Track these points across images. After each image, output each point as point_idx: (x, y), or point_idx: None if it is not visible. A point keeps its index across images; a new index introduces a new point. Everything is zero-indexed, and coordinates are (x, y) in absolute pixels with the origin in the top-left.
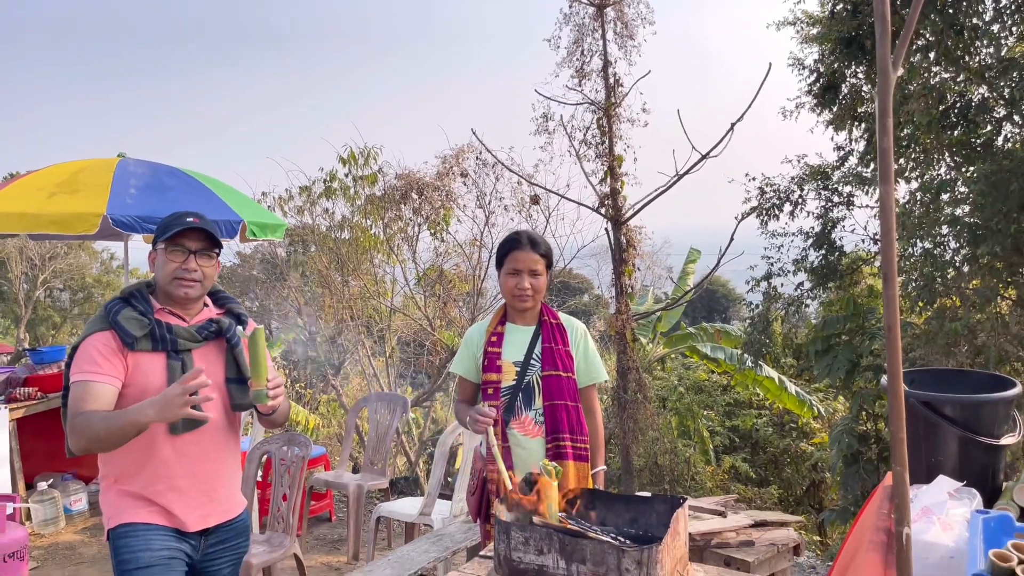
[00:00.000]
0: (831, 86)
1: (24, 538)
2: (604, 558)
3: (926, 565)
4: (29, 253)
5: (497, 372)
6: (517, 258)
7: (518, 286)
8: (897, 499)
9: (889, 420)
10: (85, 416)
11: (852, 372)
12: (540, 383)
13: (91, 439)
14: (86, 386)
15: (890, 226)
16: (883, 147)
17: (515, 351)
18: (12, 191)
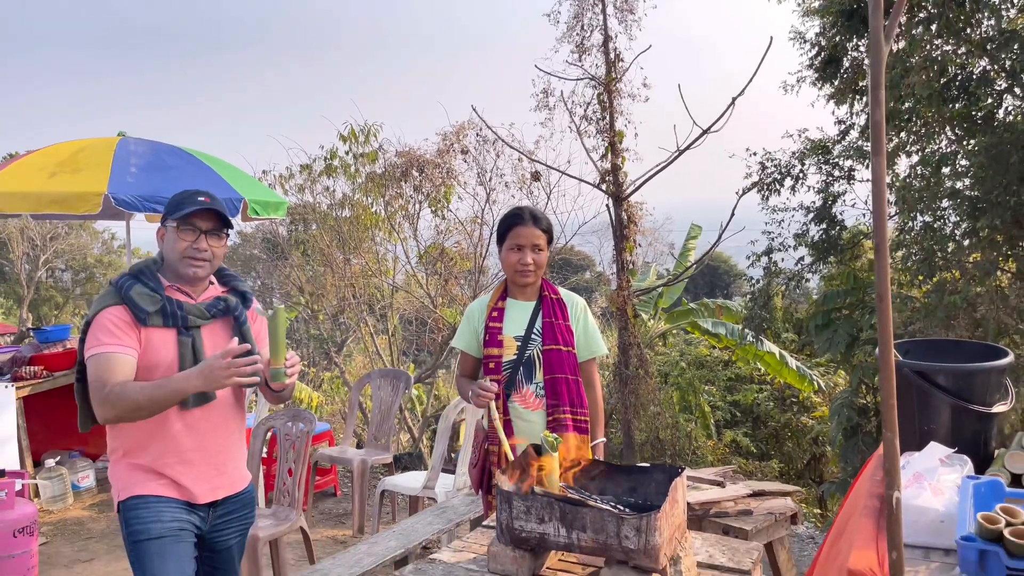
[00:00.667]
0: (832, 60)
1: (33, 514)
2: (604, 526)
3: (917, 529)
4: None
5: (498, 347)
6: (519, 233)
7: (521, 261)
8: (887, 464)
9: (880, 387)
10: (121, 386)
11: (852, 346)
12: (541, 357)
13: (128, 408)
14: (109, 357)
15: (881, 197)
16: (876, 119)
17: (516, 326)
18: (13, 171)
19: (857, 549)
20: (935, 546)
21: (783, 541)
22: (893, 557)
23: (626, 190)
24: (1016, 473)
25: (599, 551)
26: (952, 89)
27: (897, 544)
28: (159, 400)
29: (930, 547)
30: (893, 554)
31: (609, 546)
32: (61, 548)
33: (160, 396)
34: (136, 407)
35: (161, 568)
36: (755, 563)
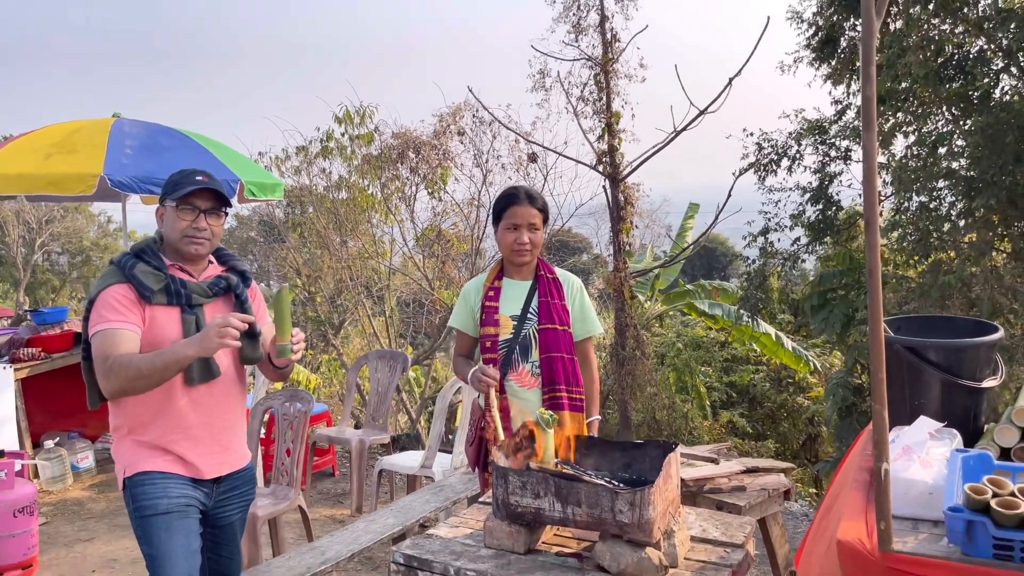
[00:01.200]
0: (830, 39)
1: (33, 493)
2: (598, 500)
3: (906, 501)
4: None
5: (495, 326)
6: (515, 213)
7: (517, 241)
8: (876, 436)
9: (869, 360)
10: (126, 357)
11: (847, 326)
12: (536, 336)
13: (130, 378)
14: (114, 333)
15: (872, 172)
16: (867, 95)
17: (512, 305)
18: (8, 152)
19: (846, 520)
20: (924, 517)
21: (776, 517)
22: (881, 527)
23: (623, 171)
24: (1005, 447)
25: (594, 525)
26: (949, 68)
27: (885, 515)
28: (159, 367)
29: (919, 519)
30: (881, 524)
31: (604, 520)
32: (61, 528)
33: (160, 363)
34: (138, 375)
35: (168, 543)
36: (748, 537)
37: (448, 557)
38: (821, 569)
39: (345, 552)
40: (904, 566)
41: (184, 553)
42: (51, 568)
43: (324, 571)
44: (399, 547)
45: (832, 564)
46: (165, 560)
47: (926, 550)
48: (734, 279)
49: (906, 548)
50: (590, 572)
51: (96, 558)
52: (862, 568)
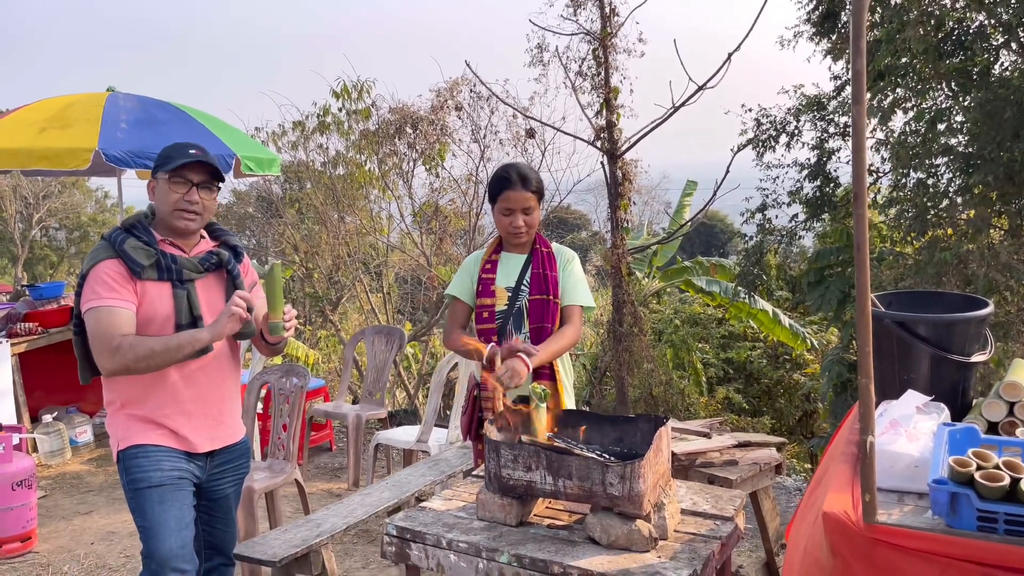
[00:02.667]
0: (830, 14)
1: (31, 467)
2: (589, 473)
3: (892, 474)
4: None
5: (491, 297)
6: (509, 197)
7: (512, 224)
8: (862, 409)
9: (856, 334)
10: (136, 338)
11: (844, 302)
12: (528, 307)
13: (139, 358)
14: (110, 311)
15: (861, 147)
16: (856, 69)
17: (508, 277)
18: (1, 127)
19: (832, 492)
20: (909, 490)
21: (767, 490)
22: (866, 500)
23: (621, 147)
24: (992, 421)
25: (584, 498)
26: (949, 44)
27: (870, 487)
28: (172, 349)
29: (904, 491)
30: (866, 497)
31: (594, 493)
32: (60, 501)
33: (175, 345)
34: (150, 355)
35: (161, 514)
36: (737, 510)
37: (440, 529)
38: (809, 540)
39: (341, 525)
40: (888, 537)
41: (177, 525)
42: (50, 540)
43: (320, 543)
44: (392, 519)
45: (819, 536)
46: (158, 531)
47: (910, 522)
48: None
49: (891, 520)
50: (581, 544)
51: (94, 531)
52: (847, 539)
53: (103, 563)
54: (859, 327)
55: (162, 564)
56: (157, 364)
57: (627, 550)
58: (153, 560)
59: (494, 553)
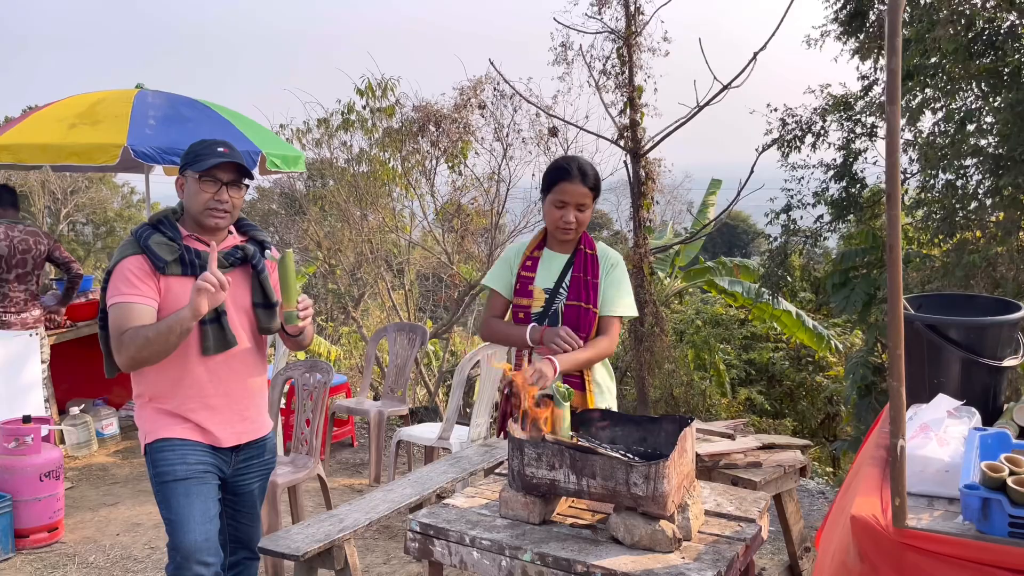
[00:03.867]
0: (858, 13)
1: (59, 458)
2: (613, 473)
3: (922, 478)
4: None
5: (528, 297)
6: (564, 190)
7: (563, 219)
8: (893, 413)
9: (888, 336)
10: (134, 328)
11: (869, 304)
12: (563, 312)
13: (139, 346)
14: (128, 307)
15: (895, 147)
16: (891, 67)
17: (547, 278)
18: (33, 122)
19: (860, 496)
20: (939, 495)
21: (792, 493)
22: (896, 504)
23: (645, 146)
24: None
25: (608, 497)
26: (979, 43)
27: (901, 491)
28: (163, 332)
29: (934, 496)
30: (896, 501)
31: (618, 493)
32: (86, 492)
33: (164, 328)
34: (145, 343)
35: (187, 507)
36: (762, 512)
37: (464, 526)
38: (839, 545)
39: (363, 520)
40: (918, 542)
41: (202, 518)
42: (76, 531)
43: (343, 538)
44: (416, 516)
45: (847, 540)
46: (184, 524)
47: (940, 527)
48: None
49: (920, 525)
50: (604, 543)
51: (120, 522)
52: (875, 544)
53: (128, 554)
54: (891, 330)
55: (187, 556)
56: (156, 351)
57: (650, 550)
58: (179, 552)
59: (517, 551)
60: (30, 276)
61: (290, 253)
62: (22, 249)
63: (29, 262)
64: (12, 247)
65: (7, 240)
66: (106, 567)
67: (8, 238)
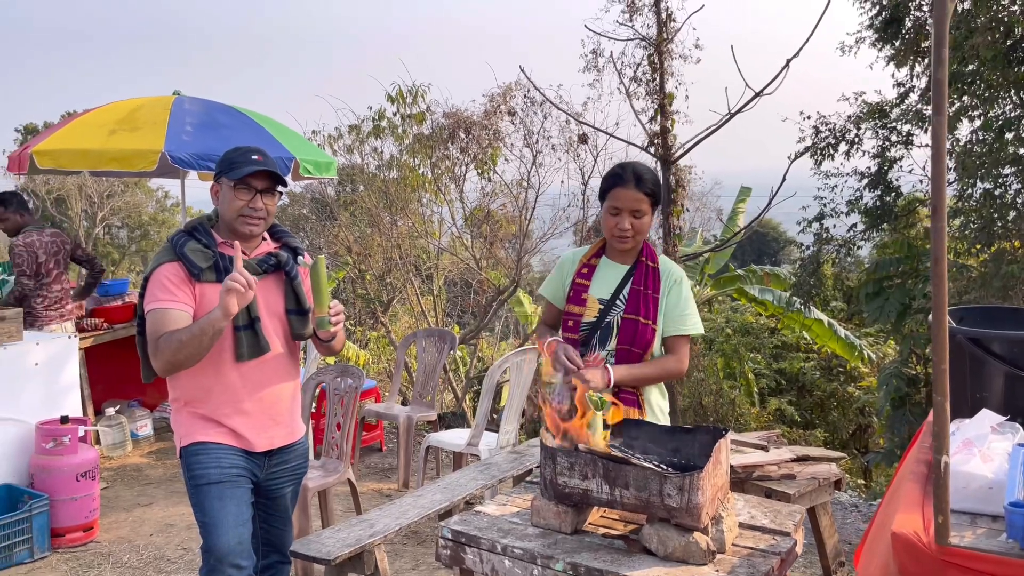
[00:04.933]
0: (894, 19)
1: (95, 459)
2: (647, 484)
3: (964, 495)
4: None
5: (580, 305)
6: (618, 196)
7: (618, 227)
8: (936, 428)
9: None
10: (168, 333)
11: (903, 315)
12: (619, 326)
13: (175, 350)
14: (164, 313)
15: (941, 159)
16: (938, 78)
17: (603, 288)
18: (74, 129)
19: (902, 513)
20: (982, 512)
21: (826, 506)
22: (939, 521)
23: (675, 153)
24: None
25: (641, 508)
26: (1018, 51)
27: (944, 508)
28: (196, 334)
29: (977, 513)
30: (939, 518)
31: (651, 504)
32: (121, 492)
33: (197, 330)
34: (179, 346)
35: (220, 510)
36: (797, 525)
37: (495, 534)
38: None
39: (393, 525)
40: (961, 560)
41: (235, 521)
42: (111, 531)
43: (373, 543)
44: (447, 523)
45: (887, 556)
46: (217, 527)
47: (984, 545)
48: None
49: (963, 543)
50: (637, 554)
51: (154, 522)
52: (917, 561)
53: (161, 554)
54: (935, 345)
55: (220, 559)
56: (190, 353)
57: (684, 562)
58: (212, 555)
59: (549, 560)
60: (64, 275)
61: (322, 259)
62: (54, 251)
63: (61, 263)
64: (47, 251)
65: (41, 246)
66: (140, 567)
67: (42, 244)
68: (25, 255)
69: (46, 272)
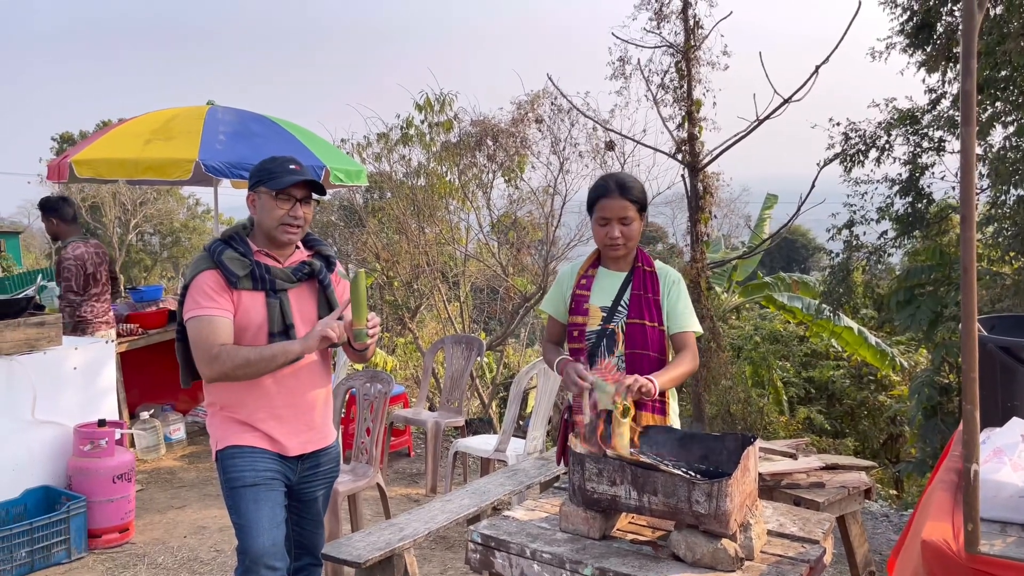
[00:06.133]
0: (925, 25)
1: (131, 461)
2: (675, 490)
3: (995, 504)
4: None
5: (583, 315)
6: (605, 206)
7: (608, 235)
8: (966, 436)
9: (962, 359)
10: (233, 348)
11: (935, 323)
12: (624, 330)
13: (238, 365)
14: (210, 320)
15: (970, 168)
16: (966, 89)
17: (603, 296)
18: (111, 138)
19: (932, 521)
20: (1013, 521)
21: (856, 515)
22: (969, 529)
23: (703, 160)
24: None
25: (669, 515)
26: None
27: (974, 517)
28: (267, 358)
29: (1007, 522)
30: (969, 526)
31: (680, 510)
32: (155, 495)
33: (269, 354)
34: (246, 364)
35: (255, 512)
36: (826, 534)
37: (524, 539)
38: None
39: (423, 530)
40: (992, 569)
41: (270, 524)
42: (145, 532)
43: (403, 547)
44: (477, 527)
45: (917, 564)
46: (252, 529)
47: (1014, 553)
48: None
49: (993, 551)
50: (665, 560)
51: (187, 524)
52: (947, 570)
53: (195, 556)
54: (965, 352)
55: (255, 561)
56: (252, 373)
57: (712, 569)
58: (247, 556)
59: (578, 565)
60: (107, 285)
61: (362, 273)
62: (98, 262)
63: (103, 273)
64: (94, 262)
65: (89, 257)
66: (174, 568)
67: (89, 255)
68: (74, 269)
69: (94, 283)
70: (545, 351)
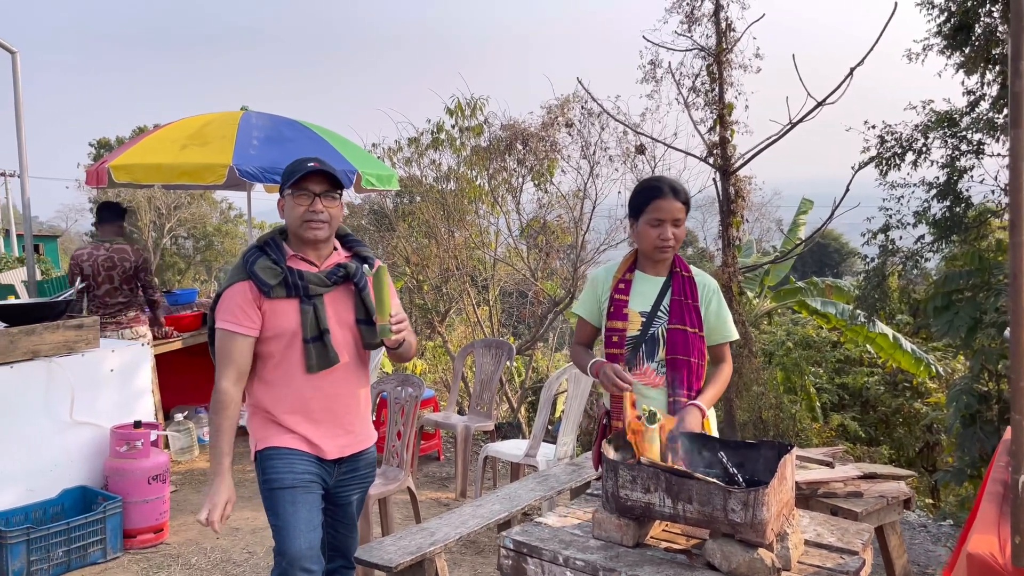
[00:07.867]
0: (963, 26)
1: (166, 462)
2: (710, 498)
3: None
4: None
5: (623, 320)
6: (660, 207)
7: (661, 236)
8: (1014, 447)
9: (1010, 367)
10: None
11: (974, 329)
12: (665, 336)
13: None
14: (231, 337)
15: (1020, 172)
16: (1015, 91)
17: (643, 301)
18: (148, 144)
19: (978, 533)
20: None
21: (895, 526)
22: (1016, 542)
23: (735, 163)
24: None
25: (704, 523)
26: None
27: (1020, 529)
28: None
29: None
30: (1016, 539)
31: (715, 519)
32: (189, 496)
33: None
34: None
35: (293, 514)
36: (865, 544)
37: (557, 545)
38: None
39: (453, 535)
40: None
41: (307, 526)
42: (179, 533)
43: (433, 552)
44: (509, 533)
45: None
46: (290, 531)
47: None
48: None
49: None
50: (699, 569)
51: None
52: None
53: (228, 557)
54: (1013, 360)
55: (292, 563)
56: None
57: None
58: (284, 558)
59: (611, 573)
60: (118, 290)
61: (383, 268)
62: (107, 267)
63: (115, 278)
64: (96, 266)
65: (90, 260)
66: (207, 569)
67: (92, 258)
68: (74, 269)
69: (96, 285)
70: (575, 354)
